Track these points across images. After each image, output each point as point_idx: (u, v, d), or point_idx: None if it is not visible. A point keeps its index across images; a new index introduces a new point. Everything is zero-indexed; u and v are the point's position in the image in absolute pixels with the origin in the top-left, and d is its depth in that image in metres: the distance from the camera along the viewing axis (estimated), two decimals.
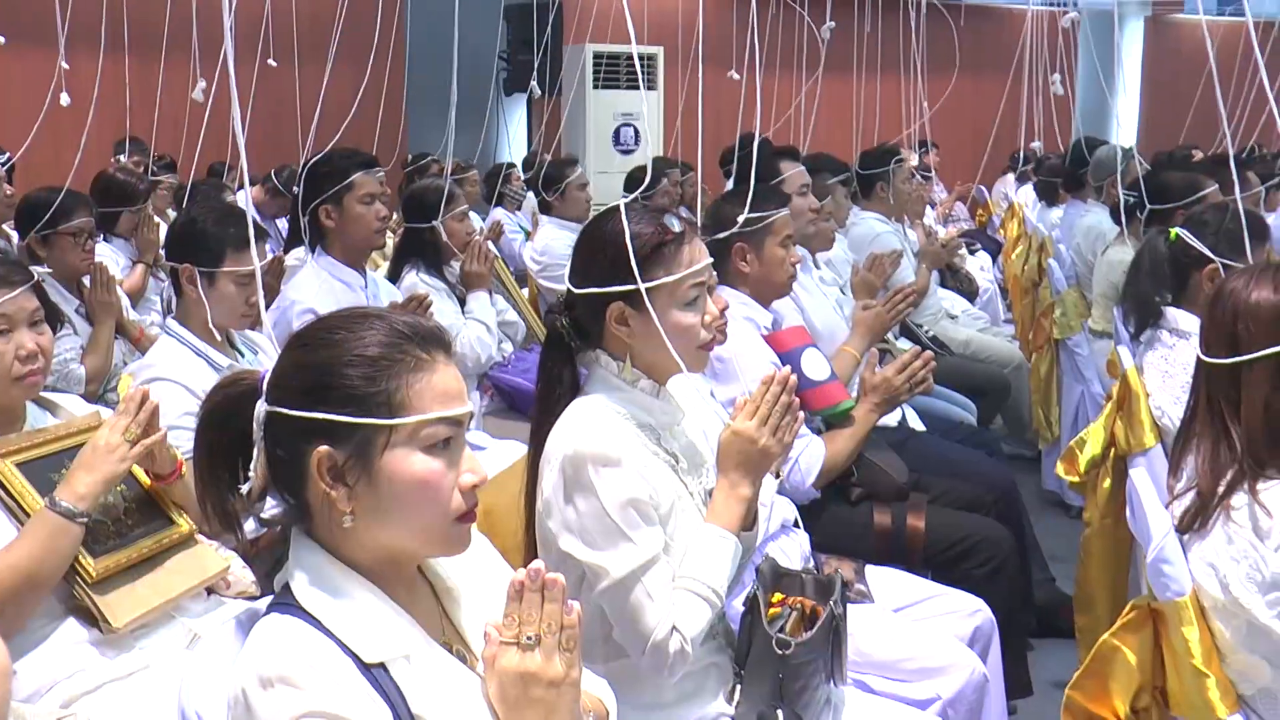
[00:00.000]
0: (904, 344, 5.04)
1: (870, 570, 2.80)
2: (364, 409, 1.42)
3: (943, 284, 6.30)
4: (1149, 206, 3.88)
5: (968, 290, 6.58)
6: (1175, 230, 3.11)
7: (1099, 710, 2.06)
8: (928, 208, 8.80)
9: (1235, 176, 2.63)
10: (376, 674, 1.39)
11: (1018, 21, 9.30)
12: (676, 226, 2.11)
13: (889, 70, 9.58)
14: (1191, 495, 2.03)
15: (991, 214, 10.05)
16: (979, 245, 8.25)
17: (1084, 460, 3.07)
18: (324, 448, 1.42)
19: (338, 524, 1.44)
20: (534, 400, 2.21)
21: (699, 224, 3.43)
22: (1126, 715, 2.03)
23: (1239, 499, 1.94)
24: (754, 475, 2.04)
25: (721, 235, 3.42)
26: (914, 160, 9.70)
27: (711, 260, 2.20)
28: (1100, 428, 3.08)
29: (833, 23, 5.26)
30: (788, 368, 3.13)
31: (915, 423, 3.93)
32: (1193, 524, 2.00)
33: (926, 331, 5.18)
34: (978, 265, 7.66)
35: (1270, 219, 5.80)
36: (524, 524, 2.17)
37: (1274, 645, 1.86)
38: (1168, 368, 2.94)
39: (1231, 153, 3.29)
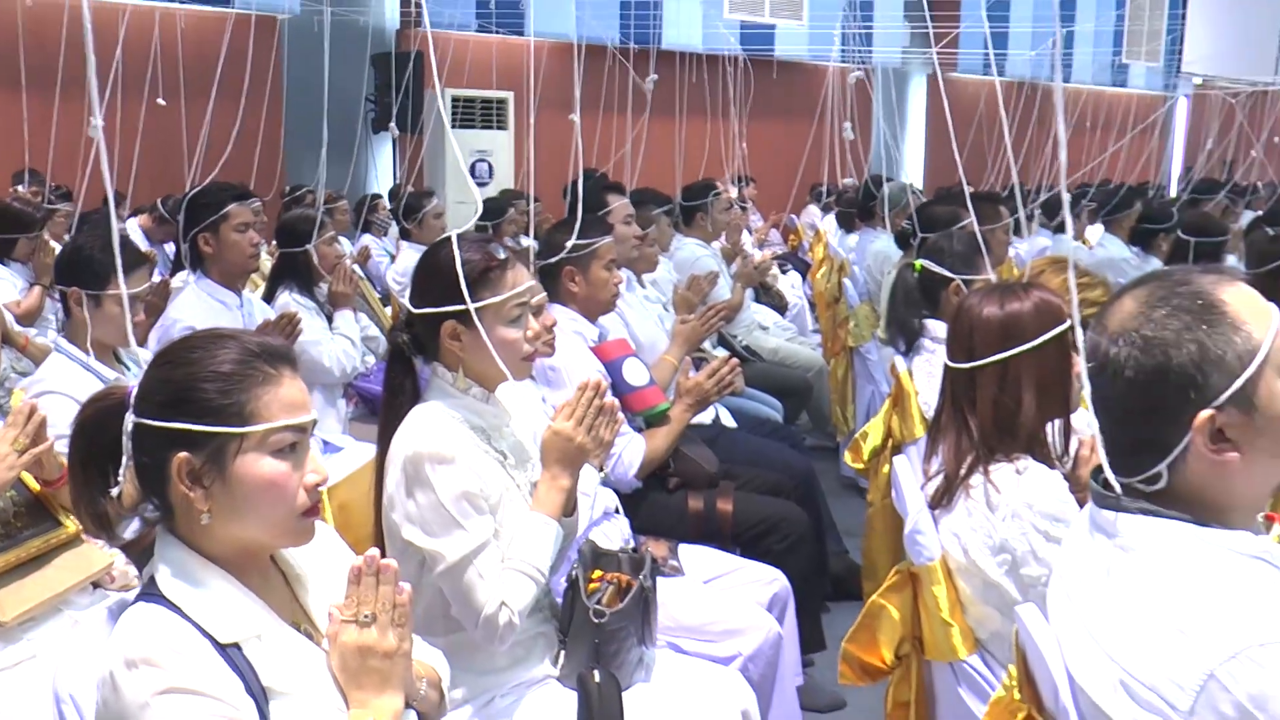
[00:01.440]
0: (720, 352, 5.16)
1: (683, 549, 2.87)
2: (219, 419, 1.43)
3: (756, 300, 6.45)
4: (920, 234, 4.06)
5: (778, 305, 6.75)
6: (918, 262, 3.27)
7: (869, 659, 2.15)
8: (745, 233, 9.00)
9: (970, 208, 2.79)
10: (231, 653, 1.41)
11: (823, 76, 9.58)
12: (501, 254, 2.14)
13: (713, 115, 9.76)
14: (940, 478, 2.14)
15: (801, 239, 10.32)
16: (790, 266, 8.46)
17: (867, 450, 3.20)
18: (183, 454, 1.43)
19: (197, 521, 1.45)
20: (380, 407, 2.21)
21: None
22: (891, 661, 2.13)
23: (976, 479, 2.06)
24: (572, 468, 2.09)
25: (552, 260, 3.46)
26: (734, 192, 9.91)
27: (535, 283, 2.23)
28: (880, 422, 3.22)
29: (655, 75, 5.38)
30: (607, 376, 3.20)
31: (727, 420, 4.02)
32: (941, 500, 2.11)
33: (740, 341, 5.31)
34: (789, 283, 7.85)
35: (1023, 245, 6.12)
36: (374, 516, 2.17)
37: (1003, 598, 1.98)
38: (931, 369, 3.07)
39: (967, 188, 3.46)
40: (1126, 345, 1.29)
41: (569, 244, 3.38)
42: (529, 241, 4.29)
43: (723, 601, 2.61)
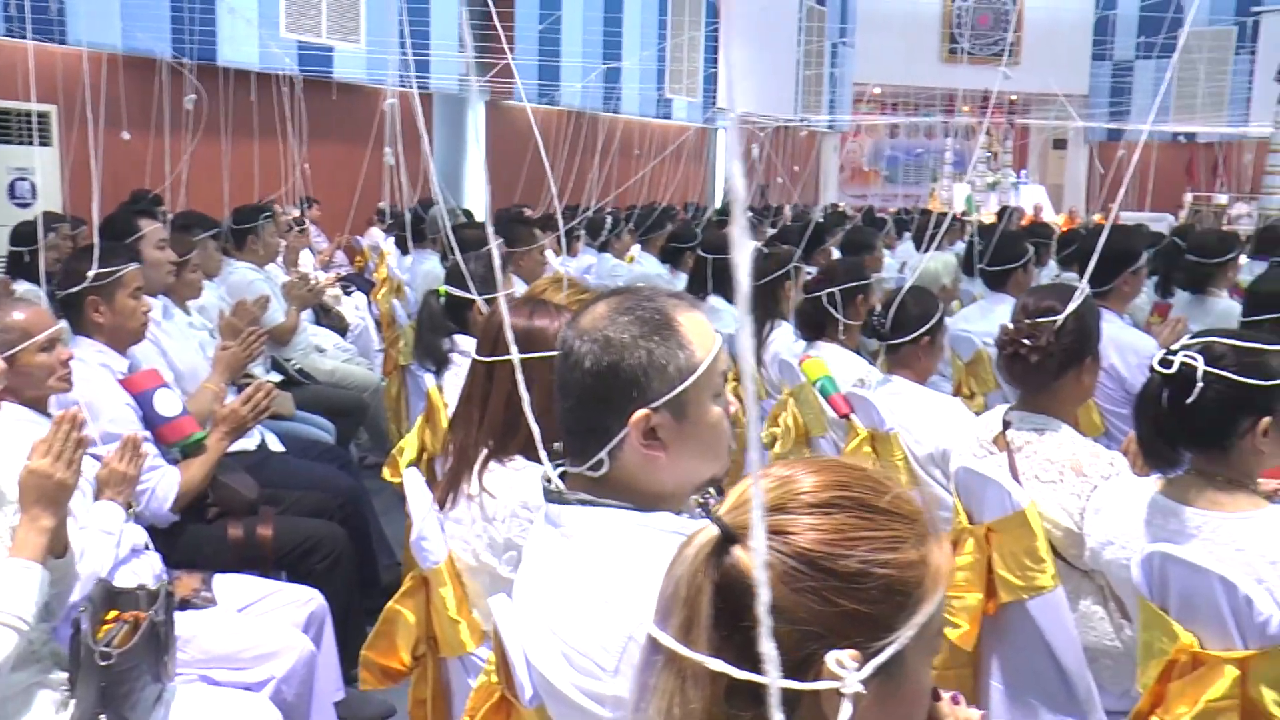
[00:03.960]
0: (274, 376, 5.05)
1: (220, 578, 2.81)
2: None
3: (317, 322, 6.36)
4: (459, 254, 4.22)
5: (339, 327, 6.69)
6: (442, 288, 3.43)
7: (389, 663, 2.23)
8: (309, 254, 8.82)
9: (490, 232, 2.96)
10: None
11: (381, 99, 9.60)
12: None
13: (269, 135, 9.46)
14: (447, 478, 2.25)
15: (367, 260, 10.26)
16: (354, 287, 8.38)
17: (403, 463, 3.29)
18: None
19: None
20: None
21: None
22: (409, 662, 2.23)
23: (474, 486, 2.18)
24: (54, 507, 1.99)
25: (74, 290, 3.26)
26: (295, 213, 9.66)
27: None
28: (415, 436, 3.32)
29: (194, 95, 5.15)
30: (137, 408, 3.07)
31: (275, 445, 3.95)
32: (446, 502, 2.22)
33: (294, 365, 5.22)
34: (353, 305, 7.79)
35: (572, 263, 6.52)
36: None
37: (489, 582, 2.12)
38: (460, 382, 3.21)
39: (489, 211, 3.67)
40: (590, 342, 1.46)
41: (90, 273, 3.20)
42: None
43: (255, 627, 2.59)
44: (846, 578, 0.91)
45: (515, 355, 1.80)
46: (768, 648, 0.80)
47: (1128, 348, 3.81)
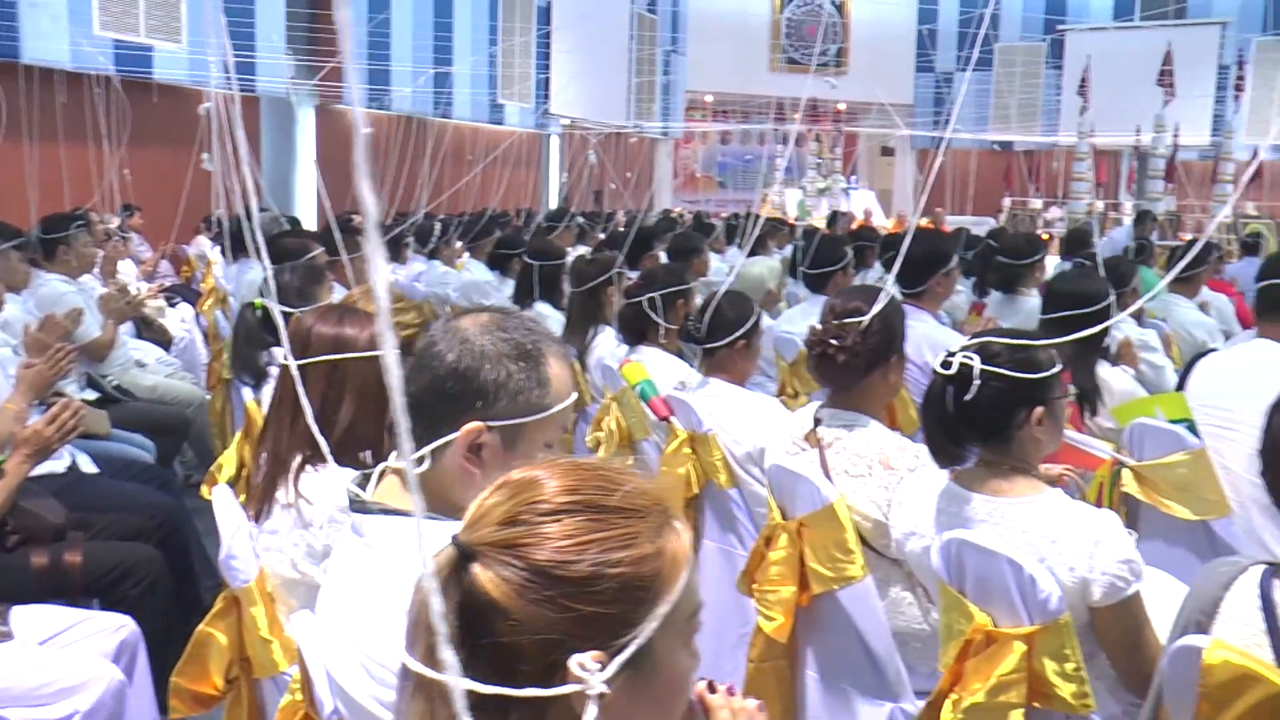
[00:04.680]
0: (89, 394, 4.81)
1: (18, 610, 2.65)
2: None
3: (138, 335, 6.09)
4: (273, 267, 4.11)
5: (163, 340, 6.43)
6: (258, 300, 3.35)
7: (201, 688, 2.16)
8: (131, 264, 8.43)
9: (339, 241, 2.93)
10: None
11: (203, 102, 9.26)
12: None
13: (83, 138, 9.02)
14: (259, 488, 2.19)
15: (194, 270, 9.88)
16: (179, 298, 8.06)
17: (221, 480, 3.18)
18: None
19: None
20: None
21: None
22: (222, 686, 2.16)
23: (289, 494, 2.13)
24: None
25: None
26: (115, 222, 9.23)
27: None
28: (233, 453, 3.22)
29: None
30: None
31: (88, 466, 3.76)
32: (260, 513, 2.17)
33: (111, 381, 4.99)
34: (179, 316, 7.49)
35: (402, 271, 6.43)
36: None
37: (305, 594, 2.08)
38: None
39: (334, 221, 3.60)
40: (461, 341, 1.48)
41: None
42: None
43: (57, 660, 2.46)
44: (579, 582, 0.94)
45: (293, 362, 1.77)
46: (447, 654, 0.84)
47: (940, 346, 3.98)
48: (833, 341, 2.50)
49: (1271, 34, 17.19)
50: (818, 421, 2.55)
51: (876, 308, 2.52)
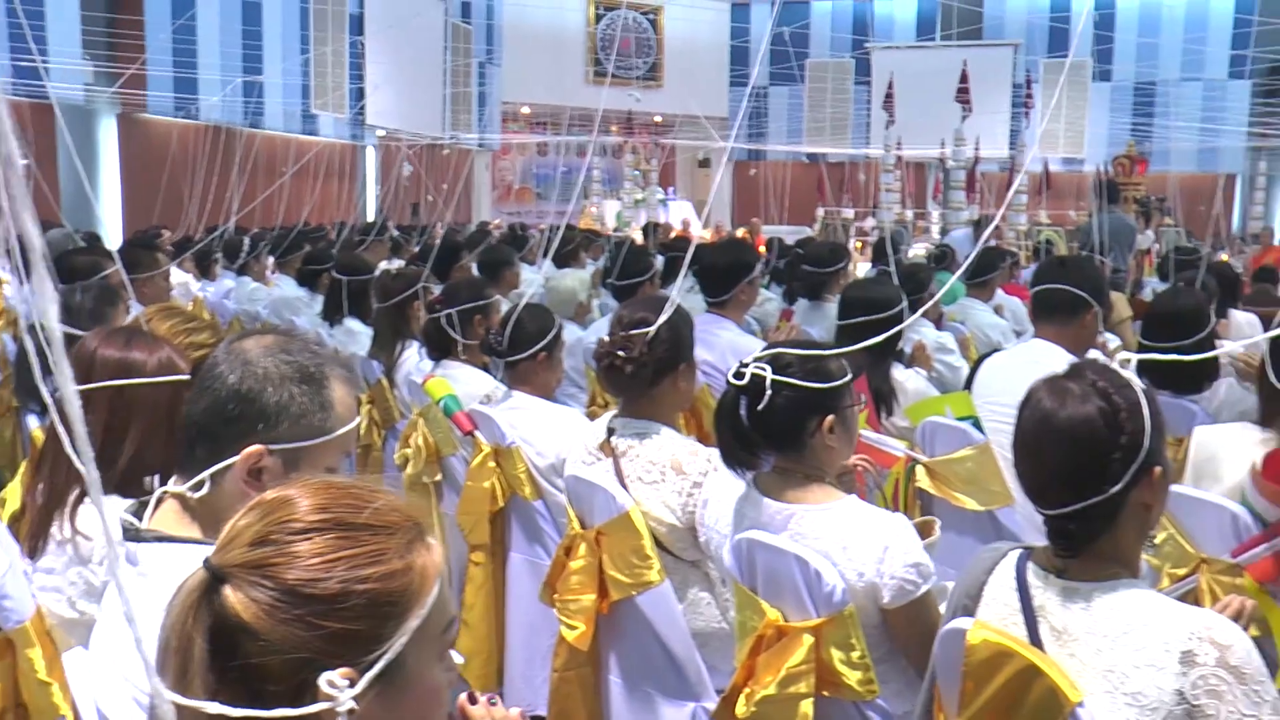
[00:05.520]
0: None
1: None
2: None
3: None
4: (63, 287, 3.92)
5: None
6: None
7: None
8: None
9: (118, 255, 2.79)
10: None
11: None
12: None
13: None
14: (33, 521, 2.09)
15: None
16: None
17: (5, 515, 3.01)
18: None
19: None
20: None
21: None
22: None
23: (65, 529, 2.04)
24: None
25: None
26: None
27: None
28: (17, 485, 3.04)
29: None
30: None
31: None
32: (34, 550, 2.06)
33: None
34: None
35: (211, 287, 6.20)
36: None
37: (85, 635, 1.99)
38: None
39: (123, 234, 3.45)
40: (243, 363, 1.47)
41: None
42: None
43: None
44: (327, 600, 0.95)
45: (68, 386, 1.71)
46: (154, 683, 0.87)
47: (745, 353, 4.11)
48: (619, 353, 2.55)
49: (1057, 55, 18.37)
50: (611, 431, 2.60)
51: (663, 318, 2.58)
